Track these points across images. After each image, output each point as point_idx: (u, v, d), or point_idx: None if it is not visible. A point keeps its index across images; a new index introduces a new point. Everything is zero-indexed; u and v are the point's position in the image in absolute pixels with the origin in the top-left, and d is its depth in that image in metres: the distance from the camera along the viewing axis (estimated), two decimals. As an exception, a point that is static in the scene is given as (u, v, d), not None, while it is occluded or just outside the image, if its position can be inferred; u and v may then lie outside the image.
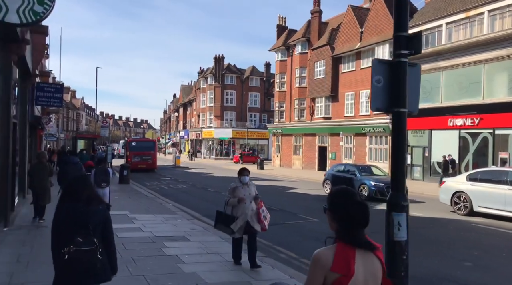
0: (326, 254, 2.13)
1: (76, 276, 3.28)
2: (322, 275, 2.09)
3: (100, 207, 3.59)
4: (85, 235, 3.30)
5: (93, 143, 29.60)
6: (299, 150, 38.20)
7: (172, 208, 13.58)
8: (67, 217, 3.37)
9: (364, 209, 2.22)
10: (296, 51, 38.26)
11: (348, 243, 2.14)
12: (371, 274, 2.15)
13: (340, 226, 2.20)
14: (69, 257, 3.24)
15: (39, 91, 15.64)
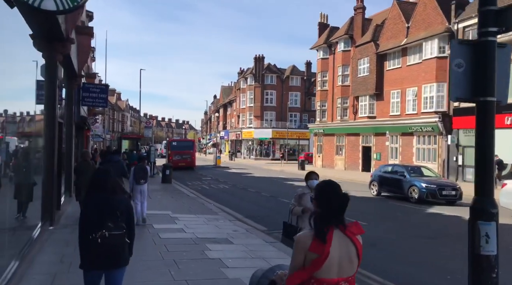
0: (305, 237, 2.47)
1: (104, 258, 3.65)
2: (302, 254, 2.44)
3: (125, 196, 4.04)
4: (115, 221, 3.66)
5: (137, 143, 30.19)
6: (341, 151, 37.20)
7: (214, 209, 13.35)
8: (96, 206, 3.73)
9: (345, 200, 2.57)
10: (339, 48, 37.30)
11: (327, 225, 2.47)
12: (346, 257, 2.45)
13: (325, 213, 2.52)
14: (102, 241, 3.58)
15: (84, 91, 15.92)
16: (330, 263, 2.41)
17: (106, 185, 3.84)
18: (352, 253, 2.49)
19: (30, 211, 8.46)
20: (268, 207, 14.36)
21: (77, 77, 14.06)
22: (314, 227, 2.50)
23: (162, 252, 7.29)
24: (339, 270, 2.46)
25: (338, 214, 2.54)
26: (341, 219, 2.54)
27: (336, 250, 2.42)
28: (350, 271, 2.50)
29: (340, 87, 36.83)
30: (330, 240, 2.42)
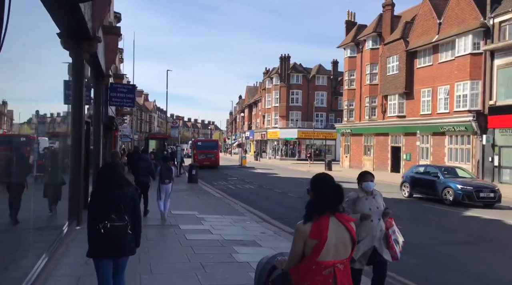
0: (305, 226, 2.71)
1: (109, 247, 3.89)
2: (302, 241, 2.69)
3: (130, 189, 4.20)
4: (118, 213, 3.90)
5: (164, 143, 30.40)
6: (370, 151, 36.37)
7: (240, 209, 13.12)
8: (102, 198, 3.98)
9: (339, 191, 2.80)
10: (367, 46, 36.48)
11: (323, 215, 2.70)
12: (341, 242, 2.71)
13: (320, 202, 2.76)
14: (104, 231, 3.83)
15: (112, 91, 16.00)
16: (328, 247, 2.67)
17: (112, 180, 4.05)
18: (346, 238, 2.76)
19: (58, 210, 8.44)
20: (295, 209, 14.00)
21: (104, 77, 14.11)
22: (305, 212, 2.81)
23: (188, 255, 7.08)
24: (335, 253, 2.72)
25: (333, 203, 2.79)
26: (337, 207, 2.81)
27: (332, 235, 2.69)
28: (345, 254, 2.78)
29: (368, 86, 36.01)
30: (327, 226, 2.70)
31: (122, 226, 3.91)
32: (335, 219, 2.76)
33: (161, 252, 7.26)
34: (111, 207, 3.92)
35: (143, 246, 7.47)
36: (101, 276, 4.03)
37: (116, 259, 4.04)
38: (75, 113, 8.65)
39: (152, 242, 7.90)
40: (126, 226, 3.94)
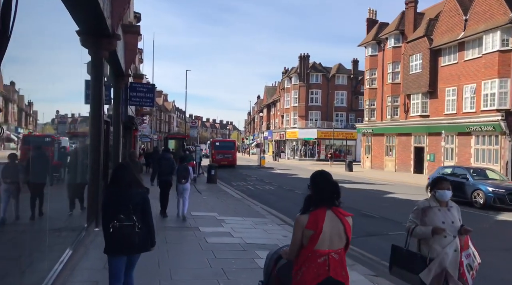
0: (303, 217, 3.02)
1: (119, 245, 4.03)
2: (301, 231, 3.00)
3: (140, 190, 4.31)
4: (127, 213, 4.01)
5: (183, 143, 30.33)
6: (392, 151, 35.56)
7: (260, 211, 12.79)
8: (112, 198, 4.12)
9: (334, 188, 3.08)
10: (389, 45, 35.69)
11: (320, 208, 3.00)
12: (336, 233, 2.98)
13: (317, 197, 3.04)
14: (113, 230, 3.97)
15: (132, 91, 15.90)
16: (323, 238, 2.93)
17: (122, 180, 4.17)
18: (341, 230, 3.00)
19: (77, 211, 8.28)
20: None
21: (124, 76, 14.00)
22: (303, 205, 3.09)
23: (209, 259, 6.80)
24: (330, 243, 2.96)
25: (328, 198, 3.05)
26: (333, 202, 3.05)
27: (327, 227, 2.94)
28: (340, 244, 3.03)
29: (390, 85, 35.22)
30: (323, 219, 2.95)
31: (130, 225, 4.03)
32: (331, 212, 3.02)
33: (181, 256, 7.00)
34: (120, 207, 4.06)
35: (163, 250, 7.25)
36: (113, 272, 4.19)
37: (129, 256, 4.22)
38: (94, 112, 8.47)
39: (171, 245, 7.65)
40: (134, 226, 4.05)
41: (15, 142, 4.82)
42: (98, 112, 8.53)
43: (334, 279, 2.96)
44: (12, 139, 4.75)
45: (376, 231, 10.28)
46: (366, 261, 7.55)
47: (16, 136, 4.92)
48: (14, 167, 4.37)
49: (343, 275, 3.03)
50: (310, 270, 2.95)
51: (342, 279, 3.01)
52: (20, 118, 5.14)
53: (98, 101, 8.49)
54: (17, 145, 4.82)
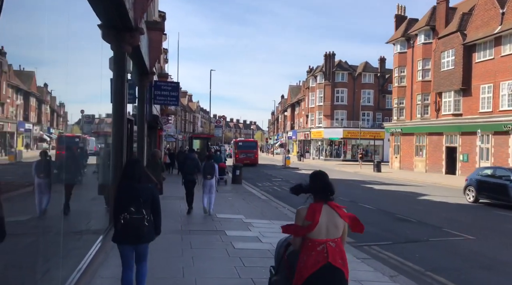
0: (303, 209, 3.44)
1: (128, 235, 4.30)
2: (301, 222, 3.40)
3: (150, 185, 4.54)
4: (137, 206, 4.27)
5: (207, 142, 30.02)
6: (422, 151, 34.28)
7: (289, 214, 12.20)
8: (124, 192, 4.38)
9: (329, 187, 3.48)
10: (419, 41, 34.41)
11: (317, 202, 3.43)
12: (332, 224, 3.35)
13: (314, 193, 3.48)
14: (124, 222, 4.24)
15: (156, 89, 15.59)
16: (320, 228, 3.27)
17: (133, 175, 4.44)
18: (337, 221, 3.34)
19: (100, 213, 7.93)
20: (349, 214, 12.92)
21: (148, 74, 13.69)
22: (294, 188, 3.64)
23: (237, 268, 6.28)
24: (327, 233, 3.30)
25: (323, 194, 3.42)
26: (328, 198, 3.42)
27: (324, 218, 3.29)
28: (336, 234, 3.36)
29: (420, 83, 33.96)
30: (319, 212, 3.31)
31: (139, 218, 4.29)
32: (328, 206, 3.37)
33: (207, 263, 6.50)
34: (131, 201, 4.31)
35: (187, 256, 6.79)
36: (123, 259, 4.51)
37: (135, 245, 4.45)
38: (117, 109, 8.10)
39: (197, 251, 7.17)
40: (143, 219, 4.32)
41: (48, 142, 4.93)
42: (121, 110, 8.15)
43: (333, 265, 3.27)
44: (44, 139, 4.85)
45: (415, 237, 9.54)
46: (409, 271, 6.87)
47: (49, 136, 5.03)
48: (46, 163, 4.54)
49: (341, 262, 3.33)
50: (311, 257, 3.30)
51: (340, 266, 3.31)
52: (52, 119, 5.27)
53: (121, 99, 8.12)
54: (49, 145, 4.94)
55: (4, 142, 3.82)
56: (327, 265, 3.25)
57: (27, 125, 4.33)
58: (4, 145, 3.84)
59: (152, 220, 4.47)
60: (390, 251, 8.05)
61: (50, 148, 4.93)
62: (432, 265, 7.25)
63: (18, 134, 4.09)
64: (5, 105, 3.87)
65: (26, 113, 4.36)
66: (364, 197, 16.66)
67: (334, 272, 3.28)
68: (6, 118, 3.89)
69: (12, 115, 4.01)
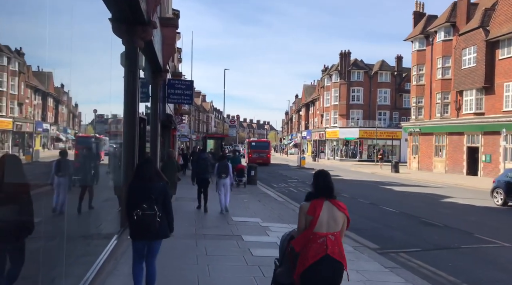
0: (305, 205, 3.74)
1: (141, 231, 4.53)
2: (303, 216, 3.71)
3: (161, 183, 4.78)
4: (149, 203, 4.46)
5: (221, 142, 29.55)
6: (441, 151, 33.33)
7: (308, 217, 11.69)
8: (136, 190, 4.57)
9: (330, 186, 3.77)
10: (438, 38, 33.46)
11: (319, 198, 3.70)
12: (332, 218, 3.66)
13: (316, 190, 3.77)
14: (137, 218, 4.45)
15: (170, 88, 15.21)
16: (321, 222, 3.63)
17: (145, 174, 4.61)
18: (337, 216, 3.69)
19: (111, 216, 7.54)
20: (371, 218, 12.33)
21: (162, 72, 13.31)
22: (306, 196, 3.85)
23: (257, 279, 5.79)
24: (327, 227, 3.65)
25: (326, 192, 3.74)
26: (330, 195, 3.75)
27: (325, 214, 3.64)
28: (336, 228, 3.70)
29: (440, 81, 33.02)
30: (320, 207, 3.65)
31: (152, 215, 4.42)
32: (329, 202, 3.66)
33: (224, 273, 6.03)
34: (143, 198, 4.46)
35: (203, 264, 6.33)
36: (135, 254, 4.73)
37: (148, 241, 4.65)
38: (128, 108, 7.69)
39: (212, 259, 6.70)
40: (155, 215, 4.44)
41: (64, 142, 4.98)
42: (132, 108, 7.75)
43: (331, 257, 3.57)
44: (60, 139, 4.89)
45: (444, 243, 8.93)
46: (443, 282, 6.30)
47: (65, 136, 5.05)
48: (65, 162, 4.64)
49: (339, 254, 3.63)
50: (312, 248, 3.57)
51: (338, 257, 3.61)
52: (68, 119, 5.30)
53: (132, 96, 7.71)
54: (65, 145, 4.96)
55: (22, 142, 3.84)
56: (326, 256, 3.56)
57: (45, 125, 4.39)
58: (22, 145, 3.85)
59: (164, 217, 4.63)
60: (420, 259, 7.47)
61: (67, 148, 4.97)
62: (468, 276, 6.66)
63: (36, 134, 4.12)
64: (23, 105, 3.90)
65: (44, 114, 4.38)
66: (384, 199, 16.02)
67: (333, 263, 3.59)
68: (25, 118, 3.89)
69: (30, 115, 4.01)
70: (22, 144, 3.83)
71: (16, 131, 3.66)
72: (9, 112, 3.56)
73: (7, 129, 3.52)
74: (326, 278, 3.60)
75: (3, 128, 3.48)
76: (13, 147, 3.64)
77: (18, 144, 3.74)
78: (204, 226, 9.61)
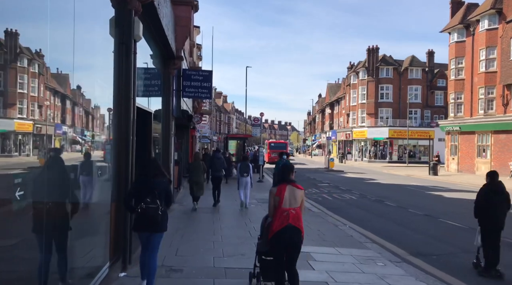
0: (274, 189, 5.03)
1: (145, 223, 4.88)
2: (273, 198, 4.95)
3: (164, 180, 5.14)
4: (152, 198, 4.83)
5: (244, 143, 27.11)
6: (485, 152, 30.27)
7: (355, 235, 9.33)
8: (141, 185, 4.96)
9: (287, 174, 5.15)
10: (481, 27, 30.41)
11: (282, 184, 5.01)
12: (293, 197, 4.90)
13: (281, 178, 5.13)
14: (141, 211, 4.81)
15: (185, 79, 13.08)
16: (285, 200, 4.86)
17: (149, 171, 5.03)
18: (296, 195, 4.93)
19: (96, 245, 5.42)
20: (435, 236, 9.84)
21: (175, 59, 11.20)
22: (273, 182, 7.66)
23: None
24: (290, 204, 4.87)
25: (287, 179, 5.07)
26: (290, 180, 5.06)
27: (287, 194, 4.89)
28: (295, 204, 4.91)
29: (484, 74, 29.97)
30: (284, 189, 4.91)
31: (155, 208, 4.80)
32: (290, 185, 4.97)
33: None
34: (147, 193, 4.80)
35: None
36: (142, 244, 5.08)
37: (150, 234, 4.94)
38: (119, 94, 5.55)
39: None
40: (158, 208, 4.82)
41: (81, 144, 4.96)
42: (126, 94, 5.59)
43: (292, 225, 4.81)
44: (77, 141, 4.83)
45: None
46: None
47: (82, 138, 4.98)
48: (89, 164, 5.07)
49: (298, 224, 4.87)
50: (278, 220, 4.83)
51: (298, 226, 4.86)
52: (87, 121, 5.19)
53: (126, 77, 5.56)
54: (82, 147, 4.98)
55: (42, 144, 3.80)
56: (289, 225, 4.81)
57: (64, 128, 4.33)
58: (42, 147, 3.79)
59: (165, 211, 4.91)
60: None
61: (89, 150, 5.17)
62: None
63: (55, 136, 4.10)
64: (42, 108, 3.78)
65: (64, 116, 4.34)
66: (439, 210, 13.49)
67: (293, 230, 4.83)
68: (44, 120, 3.78)
69: (49, 118, 3.91)
70: (42, 147, 3.78)
71: (36, 134, 3.62)
72: (30, 115, 3.48)
73: (27, 131, 3.49)
74: (289, 240, 4.84)
75: (24, 130, 3.45)
76: (33, 149, 3.59)
77: (38, 147, 3.70)
78: (226, 253, 7.39)
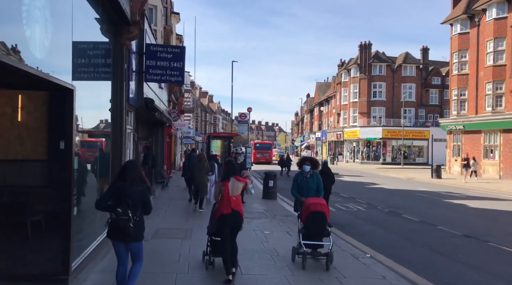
0: (220, 182, 6.07)
1: (115, 234, 4.56)
2: (219, 188, 5.96)
3: (140, 188, 4.69)
4: (124, 208, 4.47)
5: (229, 143, 23.96)
6: (493, 152, 27.78)
7: (389, 277, 6.33)
8: (114, 192, 4.60)
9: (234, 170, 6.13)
10: (488, 17, 27.92)
11: (229, 177, 5.93)
12: (235, 187, 5.86)
13: (227, 173, 6.01)
14: (110, 222, 4.53)
15: (150, 58, 9.97)
16: (229, 189, 5.79)
17: (126, 176, 4.60)
18: (238, 186, 5.89)
19: None
20: (481, 268, 6.95)
21: (129, 25, 8.10)
22: (222, 177, 6.16)
23: None
24: (232, 192, 5.80)
25: (232, 173, 5.96)
26: (235, 174, 6.01)
27: (231, 184, 5.82)
28: (236, 193, 5.85)
29: (491, 68, 27.49)
30: (228, 181, 5.84)
31: (125, 219, 4.42)
32: (233, 178, 5.89)
33: None
34: (120, 202, 4.46)
35: None
36: (117, 256, 4.72)
37: (125, 243, 4.59)
38: None
39: None
40: (129, 220, 4.42)
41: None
42: None
43: (235, 210, 5.74)
44: None
45: None
46: None
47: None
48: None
49: (239, 208, 5.82)
50: (222, 205, 5.78)
51: (238, 210, 5.81)
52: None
53: None
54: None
55: None
56: (232, 210, 5.72)
57: None
58: None
59: (140, 221, 4.62)
60: None
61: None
62: None
63: None
64: None
65: None
66: (481, 227, 10.72)
67: (235, 213, 5.75)
68: None
69: None
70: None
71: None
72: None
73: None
74: (231, 223, 5.75)
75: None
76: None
77: None
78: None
